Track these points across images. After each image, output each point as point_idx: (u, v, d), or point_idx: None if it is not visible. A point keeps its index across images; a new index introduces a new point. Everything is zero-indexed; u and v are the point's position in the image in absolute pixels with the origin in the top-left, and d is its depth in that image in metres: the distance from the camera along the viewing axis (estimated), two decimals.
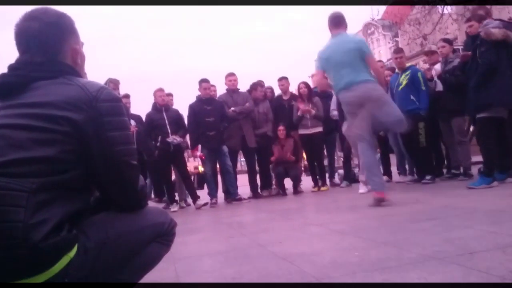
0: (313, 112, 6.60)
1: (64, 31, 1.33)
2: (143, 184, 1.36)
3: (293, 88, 7.60)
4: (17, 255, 1.04)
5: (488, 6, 6.62)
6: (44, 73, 1.24)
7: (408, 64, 6.08)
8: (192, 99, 6.64)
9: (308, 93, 6.79)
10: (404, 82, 5.78)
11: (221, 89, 7.03)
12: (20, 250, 1.04)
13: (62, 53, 1.31)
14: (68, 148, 1.16)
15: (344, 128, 5.84)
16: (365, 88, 4.08)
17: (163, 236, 1.41)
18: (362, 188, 5.65)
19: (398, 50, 6.48)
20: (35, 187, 1.08)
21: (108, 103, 1.23)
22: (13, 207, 1.04)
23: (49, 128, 1.14)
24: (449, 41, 5.84)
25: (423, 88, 5.68)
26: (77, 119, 1.17)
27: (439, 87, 5.69)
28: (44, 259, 1.08)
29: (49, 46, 1.28)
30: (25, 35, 1.28)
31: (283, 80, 7.19)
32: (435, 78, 5.69)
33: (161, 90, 6.43)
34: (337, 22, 4.35)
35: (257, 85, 6.96)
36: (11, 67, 1.27)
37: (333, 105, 6.83)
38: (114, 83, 6.07)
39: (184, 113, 6.67)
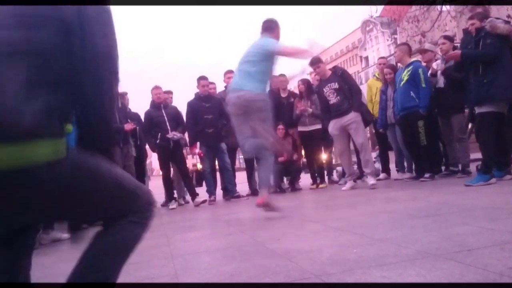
0: (310, 111, 6.60)
1: None
2: (117, 125, 1.36)
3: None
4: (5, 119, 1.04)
5: (487, 6, 6.63)
6: None
7: (412, 60, 6.04)
8: (191, 96, 6.64)
9: (306, 91, 6.79)
10: (406, 78, 5.73)
11: (220, 87, 7.04)
12: (8, 115, 1.04)
13: None
14: (53, 33, 1.17)
15: (330, 127, 5.88)
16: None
17: (136, 213, 1.34)
18: (371, 180, 5.64)
19: (398, 44, 6.50)
20: (25, 66, 1.10)
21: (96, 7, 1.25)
22: (5, 82, 1.07)
23: (37, 14, 1.16)
24: (449, 38, 5.83)
25: (423, 85, 5.60)
26: (65, 12, 1.19)
27: (440, 83, 5.67)
28: (31, 129, 1.07)
29: None
30: None
31: (281, 77, 7.17)
32: (439, 73, 5.65)
33: (157, 88, 6.43)
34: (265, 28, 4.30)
35: None
36: None
37: None
38: None
39: (183, 110, 6.68)
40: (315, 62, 5.93)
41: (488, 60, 4.43)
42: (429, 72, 5.74)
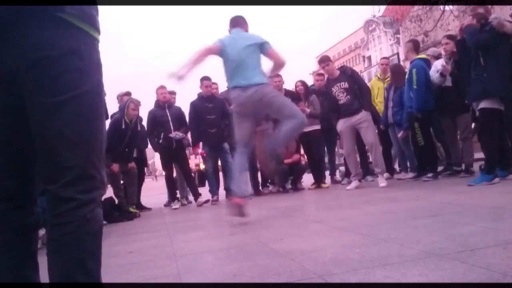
0: (308, 111, 6.60)
1: None
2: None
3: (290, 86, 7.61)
4: None
5: (489, 6, 6.61)
6: None
7: (416, 57, 5.92)
8: (194, 96, 6.65)
9: (305, 92, 6.78)
10: (407, 77, 5.77)
11: (223, 87, 7.03)
12: None
13: None
14: None
15: (339, 125, 5.87)
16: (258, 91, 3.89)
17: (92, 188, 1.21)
18: (382, 182, 5.63)
19: (407, 41, 6.47)
20: None
21: None
22: None
23: None
24: (453, 37, 5.81)
25: (415, 86, 5.56)
26: None
27: (447, 82, 5.63)
28: None
29: None
30: None
31: (276, 77, 7.16)
32: (438, 73, 5.63)
33: (162, 87, 6.45)
34: (235, 23, 4.15)
35: None
36: None
37: None
38: (135, 103, 5.90)
39: (186, 110, 6.68)
40: (324, 60, 5.90)
41: (480, 45, 4.40)
42: (440, 71, 5.66)
